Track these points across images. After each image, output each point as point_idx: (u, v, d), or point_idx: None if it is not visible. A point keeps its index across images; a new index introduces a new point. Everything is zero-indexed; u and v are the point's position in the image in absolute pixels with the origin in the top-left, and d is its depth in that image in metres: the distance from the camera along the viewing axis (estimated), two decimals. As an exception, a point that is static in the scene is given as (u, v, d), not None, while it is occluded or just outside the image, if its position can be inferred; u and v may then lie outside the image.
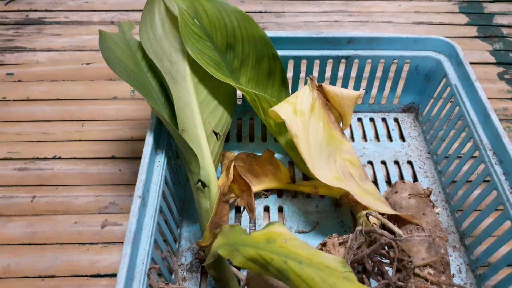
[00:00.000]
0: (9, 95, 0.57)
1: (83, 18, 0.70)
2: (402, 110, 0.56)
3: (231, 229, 0.33)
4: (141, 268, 0.32)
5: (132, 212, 0.33)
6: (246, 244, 0.30)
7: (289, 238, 0.29)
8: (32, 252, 0.42)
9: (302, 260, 0.27)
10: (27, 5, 0.72)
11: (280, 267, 0.28)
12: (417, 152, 0.52)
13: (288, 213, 0.46)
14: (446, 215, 0.45)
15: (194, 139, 0.40)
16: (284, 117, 0.40)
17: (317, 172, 0.39)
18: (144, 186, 0.35)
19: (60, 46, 0.65)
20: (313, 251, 0.28)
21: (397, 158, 0.51)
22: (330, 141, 0.43)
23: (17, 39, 0.65)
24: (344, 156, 0.43)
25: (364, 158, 0.51)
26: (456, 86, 0.46)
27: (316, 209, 0.46)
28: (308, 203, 0.46)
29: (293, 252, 0.28)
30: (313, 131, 0.42)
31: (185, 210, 0.45)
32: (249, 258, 0.29)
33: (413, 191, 0.41)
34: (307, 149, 0.40)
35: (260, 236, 0.30)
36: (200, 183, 0.38)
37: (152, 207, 0.35)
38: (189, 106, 0.40)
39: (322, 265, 0.27)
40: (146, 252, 0.33)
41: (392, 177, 0.49)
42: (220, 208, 0.38)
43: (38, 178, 0.48)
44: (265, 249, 0.29)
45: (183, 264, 0.41)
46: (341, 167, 0.42)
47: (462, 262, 0.41)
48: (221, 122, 0.43)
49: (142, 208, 0.34)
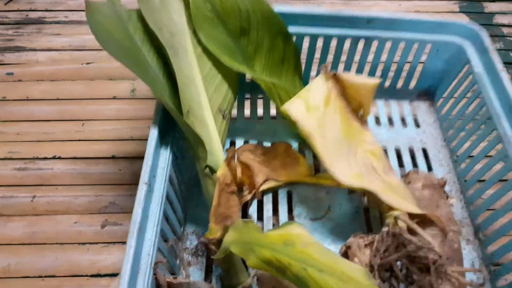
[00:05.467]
0: (9, 94, 0.57)
1: (83, 18, 0.70)
2: (418, 95, 0.53)
3: (245, 225, 0.30)
4: (146, 260, 0.30)
5: (138, 201, 0.31)
6: (261, 244, 0.28)
7: (309, 242, 0.27)
8: (32, 252, 0.42)
9: (323, 268, 0.26)
10: (27, 4, 0.71)
11: (298, 273, 0.26)
12: (432, 140, 0.50)
13: (298, 199, 0.44)
14: (460, 207, 0.44)
15: (200, 120, 0.36)
16: (295, 116, 0.37)
17: (336, 172, 0.36)
18: (151, 172, 0.33)
19: (60, 45, 0.65)
20: (335, 259, 0.26)
21: (411, 145, 0.49)
22: (349, 133, 0.40)
23: (17, 38, 0.65)
24: (366, 147, 0.40)
25: (377, 143, 0.46)
26: (479, 74, 0.44)
27: (327, 195, 0.44)
28: (318, 188, 0.44)
29: (313, 259, 0.26)
30: (329, 126, 0.38)
31: (191, 191, 0.44)
32: (265, 260, 0.27)
33: (427, 181, 0.39)
34: (323, 147, 0.37)
35: (277, 237, 0.28)
36: (208, 168, 0.36)
37: (159, 193, 0.33)
38: (193, 82, 0.37)
39: (344, 276, 0.25)
40: (152, 242, 0.31)
41: (406, 164, 0.47)
42: (225, 199, 0.35)
43: (38, 178, 0.48)
44: (282, 252, 0.27)
45: (188, 248, 0.40)
46: (363, 161, 0.39)
47: (475, 256, 0.40)
48: (226, 99, 0.40)
49: (149, 195, 0.32)
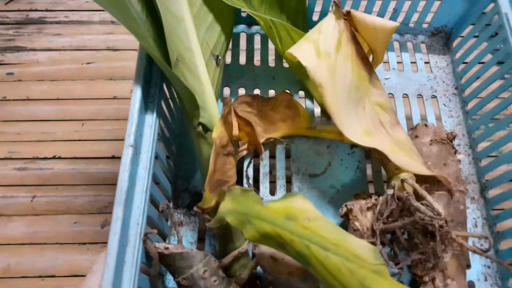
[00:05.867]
0: (9, 94, 0.57)
1: (84, 18, 0.70)
2: (431, 34, 0.49)
3: (243, 195, 0.28)
4: (135, 230, 0.27)
5: (123, 166, 0.27)
6: (261, 217, 0.26)
7: (314, 217, 0.25)
8: (32, 251, 0.42)
9: (328, 246, 0.23)
10: (27, 4, 0.72)
11: (301, 251, 0.24)
12: (443, 87, 0.46)
13: (296, 154, 0.41)
14: (467, 162, 0.41)
15: (191, 69, 0.31)
16: (306, 63, 0.32)
17: (347, 130, 0.33)
18: (137, 131, 0.29)
19: (60, 45, 0.65)
20: (341, 236, 0.24)
21: (421, 92, 0.45)
22: (360, 84, 0.35)
23: (17, 38, 0.65)
24: (374, 99, 0.37)
25: (385, 90, 0.42)
26: (507, 15, 0.39)
27: (327, 149, 0.41)
28: (319, 142, 0.42)
29: (318, 235, 0.24)
30: (340, 76, 0.33)
31: (182, 147, 0.41)
32: (264, 234, 0.25)
33: (435, 136, 0.36)
34: (334, 100, 0.32)
35: (279, 210, 0.26)
36: (201, 127, 0.32)
37: (147, 155, 0.30)
38: (182, 22, 0.31)
39: (350, 255, 0.23)
40: (141, 210, 0.28)
41: (414, 114, 0.44)
42: (221, 163, 0.32)
43: (38, 177, 0.48)
44: (284, 227, 0.25)
45: (179, 207, 0.37)
46: (371, 116, 0.36)
47: (479, 216, 0.38)
48: (220, 41, 0.35)
49: (135, 158, 0.29)
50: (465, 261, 0.33)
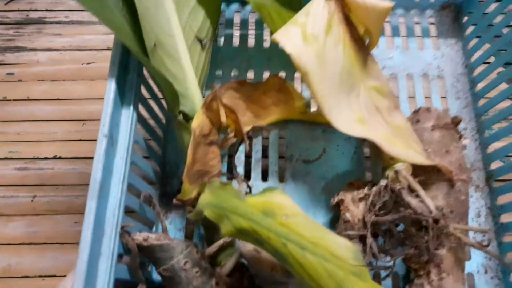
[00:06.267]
0: (9, 94, 0.57)
1: (84, 18, 0.70)
2: (440, 8, 0.46)
3: (222, 188, 0.27)
4: (112, 221, 0.27)
5: (97, 157, 0.26)
6: (238, 212, 0.25)
7: (292, 213, 0.24)
8: (33, 251, 0.42)
9: (306, 245, 0.23)
10: (28, 4, 0.72)
11: (278, 249, 0.23)
12: (451, 66, 0.43)
13: (290, 139, 0.40)
14: (474, 148, 0.39)
15: (171, 54, 0.30)
16: (290, 49, 0.29)
17: (335, 119, 0.31)
18: (112, 119, 0.28)
19: (60, 46, 0.65)
20: (320, 234, 0.23)
21: (426, 72, 0.43)
22: (353, 68, 0.33)
23: (17, 38, 0.65)
24: (370, 83, 0.35)
25: (387, 70, 0.42)
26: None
27: (323, 134, 0.39)
28: (314, 127, 0.40)
29: (295, 233, 0.23)
30: (330, 61, 0.31)
31: (170, 132, 0.39)
32: (241, 230, 0.24)
33: (438, 121, 0.34)
34: (322, 88, 0.30)
35: (256, 205, 0.25)
36: (182, 115, 0.30)
37: (124, 145, 0.29)
38: (161, 5, 0.29)
39: (329, 254, 0.22)
40: (118, 201, 0.27)
41: (418, 95, 0.41)
42: (202, 153, 0.30)
43: (38, 177, 0.48)
44: (261, 224, 0.24)
45: (168, 194, 0.36)
46: (365, 102, 0.34)
47: (483, 205, 0.37)
48: (206, 23, 0.33)
49: (111, 148, 0.28)
50: (464, 254, 0.32)
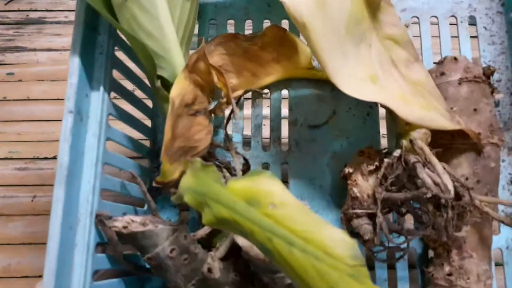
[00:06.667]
0: (9, 94, 0.57)
1: (84, 18, 0.70)
2: None
3: (203, 170, 0.23)
4: (85, 208, 0.23)
5: (63, 136, 0.22)
6: (219, 200, 0.21)
7: (281, 202, 0.20)
8: (33, 251, 0.42)
9: (294, 240, 0.19)
10: (27, 4, 0.72)
11: (263, 243, 0.20)
12: (485, 3, 0.36)
13: (294, 100, 0.35)
14: (509, 103, 0.33)
15: (144, 6, 0.24)
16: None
17: (340, 79, 0.26)
18: (79, 91, 0.23)
19: (60, 46, 0.65)
20: (313, 227, 0.19)
21: (455, 13, 0.37)
22: (362, 14, 0.28)
23: (17, 38, 0.66)
24: (384, 31, 0.29)
25: (407, 13, 0.36)
26: None
27: (332, 93, 0.34)
28: (321, 85, 0.34)
29: (282, 226, 0.19)
30: (333, 8, 0.26)
31: None
32: (222, 220, 0.21)
33: (467, 73, 0.30)
34: (324, 42, 0.25)
35: (240, 192, 0.21)
36: (160, 81, 0.25)
37: (96, 120, 0.24)
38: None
39: (322, 252, 0.19)
40: (91, 185, 0.24)
41: (444, 42, 0.35)
42: (185, 125, 0.25)
43: (38, 177, 0.48)
44: (244, 215, 0.20)
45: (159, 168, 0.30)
46: (378, 55, 0.28)
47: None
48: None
49: (79, 125, 0.23)
50: (491, 229, 0.28)
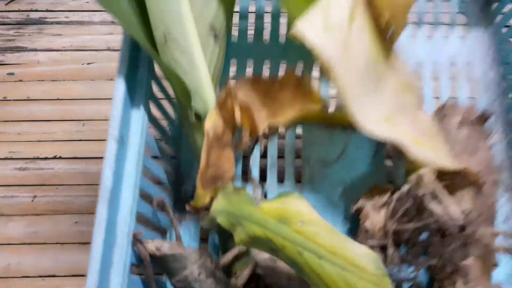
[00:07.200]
0: (9, 95, 0.57)
1: (84, 18, 0.70)
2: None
3: (235, 193, 0.26)
4: (123, 229, 0.25)
5: (107, 161, 0.24)
6: (252, 219, 0.24)
7: (309, 220, 0.23)
8: (33, 251, 0.42)
9: (323, 254, 0.22)
10: (28, 5, 0.72)
11: (293, 258, 0.22)
12: (481, 54, 0.40)
13: (307, 139, 0.37)
14: (505, 145, 0.37)
15: (182, 47, 0.28)
16: (312, 39, 0.27)
17: (363, 118, 0.28)
18: (122, 122, 0.26)
19: (61, 46, 0.65)
20: (338, 242, 0.22)
21: (454, 60, 0.40)
22: (378, 60, 0.31)
23: (18, 39, 0.66)
24: (396, 77, 0.32)
25: (411, 60, 0.39)
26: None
27: (341, 134, 0.37)
28: (332, 125, 0.37)
29: (312, 241, 0.22)
30: (355, 52, 0.29)
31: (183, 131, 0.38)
32: (255, 238, 0.24)
33: (466, 117, 0.32)
34: (348, 82, 0.28)
35: (271, 211, 0.24)
36: (194, 114, 0.29)
37: (135, 148, 0.27)
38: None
39: (348, 263, 0.22)
40: (130, 207, 0.26)
41: (443, 88, 0.38)
42: (216, 156, 0.28)
43: (38, 177, 0.48)
44: (276, 232, 0.23)
45: (181, 199, 0.35)
46: (392, 98, 0.31)
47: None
48: (220, 12, 0.30)
49: (121, 153, 0.26)
50: (492, 260, 0.30)
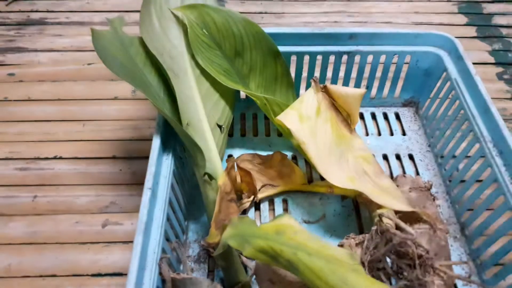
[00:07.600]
0: (10, 95, 0.58)
1: (84, 19, 0.70)
2: (402, 105, 0.56)
3: (241, 221, 0.33)
4: (152, 257, 0.32)
5: (143, 203, 0.34)
6: (256, 235, 0.31)
7: (299, 230, 0.30)
8: (33, 251, 0.43)
9: (312, 252, 0.28)
10: (29, 5, 0.72)
11: (290, 258, 0.28)
12: (418, 146, 0.52)
13: (293, 206, 0.46)
14: (447, 207, 0.46)
15: (199, 132, 0.40)
16: (290, 126, 0.40)
17: (329, 176, 0.39)
18: (154, 178, 0.36)
19: (61, 46, 0.65)
20: (322, 244, 0.29)
21: (398, 152, 0.51)
22: (340, 141, 0.43)
23: (18, 39, 0.66)
24: (357, 153, 0.43)
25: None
26: (456, 80, 0.46)
27: (320, 201, 0.46)
28: (312, 195, 0.47)
29: (302, 244, 0.29)
30: (321, 135, 0.42)
31: (192, 203, 0.46)
32: (259, 249, 0.30)
33: (413, 185, 0.41)
34: (316, 154, 0.40)
35: (270, 227, 0.31)
36: (206, 175, 0.39)
37: (162, 199, 0.36)
38: (192, 100, 0.41)
39: (331, 258, 0.28)
40: (157, 241, 0.34)
41: (394, 170, 0.49)
42: (225, 206, 0.38)
43: (39, 177, 0.48)
44: (275, 240, 0.29)
45: (190, 256, 0.42)
46: (354, 166, 0.42)
47: (463, 252, 0.42)
48: (224, 115, 0.44)
49: (152, 200, 0.35)
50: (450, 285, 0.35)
